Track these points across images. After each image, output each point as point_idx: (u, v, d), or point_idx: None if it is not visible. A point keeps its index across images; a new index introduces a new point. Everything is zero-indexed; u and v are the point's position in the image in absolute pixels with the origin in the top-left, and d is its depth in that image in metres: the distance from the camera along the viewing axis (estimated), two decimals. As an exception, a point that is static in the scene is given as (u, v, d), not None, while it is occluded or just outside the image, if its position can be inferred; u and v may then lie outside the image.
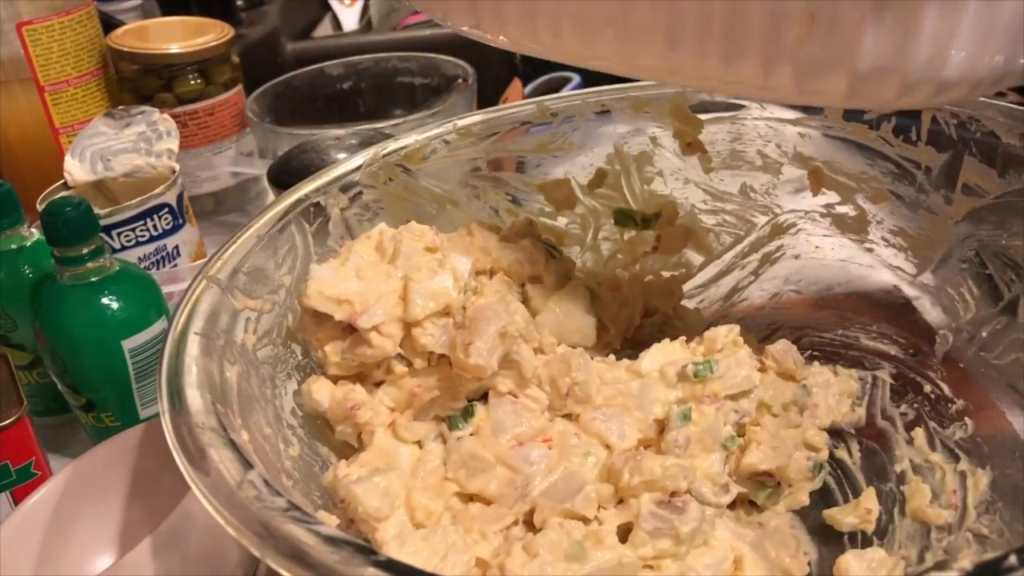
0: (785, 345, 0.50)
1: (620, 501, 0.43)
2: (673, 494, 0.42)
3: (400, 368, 0.45)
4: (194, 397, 0.37)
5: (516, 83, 1.01)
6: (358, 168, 0.53)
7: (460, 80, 0.91)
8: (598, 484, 0.43)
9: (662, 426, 0.46)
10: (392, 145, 0.55)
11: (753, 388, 0.47)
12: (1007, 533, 0.43)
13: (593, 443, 0.45)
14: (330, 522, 0.39)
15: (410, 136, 0.56)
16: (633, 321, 0.53)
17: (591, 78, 1.10)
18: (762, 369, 0.50)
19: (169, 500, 0.45)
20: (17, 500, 0.53)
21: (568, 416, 0.46)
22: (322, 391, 0.45)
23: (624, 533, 0.42)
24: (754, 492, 0.47)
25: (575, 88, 1.05)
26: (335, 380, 0.46)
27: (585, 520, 0.42)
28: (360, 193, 0.53)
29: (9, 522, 0.49)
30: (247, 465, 0.34)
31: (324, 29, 1.37)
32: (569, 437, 0.45)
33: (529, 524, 0.43)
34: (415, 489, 0.42)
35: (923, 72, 0.31)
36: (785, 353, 0.50)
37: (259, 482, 0.33)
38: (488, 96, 0.93)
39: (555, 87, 1.05)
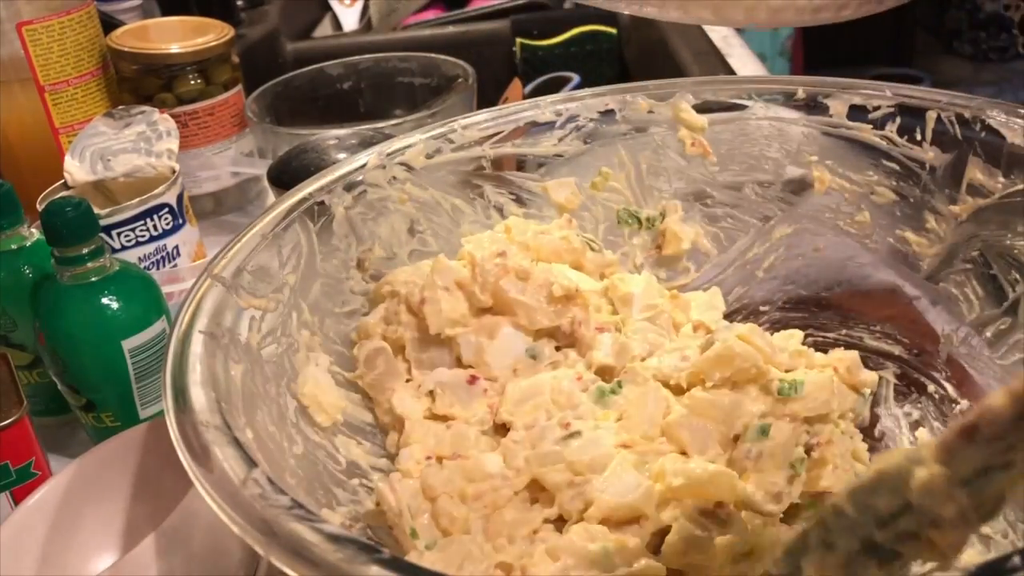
0: (854, 356, 0.49)
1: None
2: (718, 505, 0.41)
3: None
4: (198, 395, 0.37)
5: (516, 83, 1.01)
6: (362, 167, 0.53)
7: (460, 80, 0.91)
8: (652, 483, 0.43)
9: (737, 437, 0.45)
10: (396, 144, 0.55)
11: (831, 412, 0.46)
12: (1011, 534, 0.43)
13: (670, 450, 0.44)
14: (333, 520, 0.39)
15: (414, 135, 0.56)
16: None
17: (590, 78, 1.11)
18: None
19: (170, 500, 0.45)
20: (17, 500, 0.53)
21: None
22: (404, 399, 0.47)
23: (662, 536, 0.41)
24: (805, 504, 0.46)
25: (575, 88, 1.05)
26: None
27: (643, 516, 0.42)
28: (364, 192, 0.53)
29: (9, 522, 0.49)
30: (251, 463, 0.34)
31: (324, 29, 1.37)
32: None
33: (557, 526, 0.42)
34: (443, 494, 0.42)
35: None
36: (856, 365, 0.49)
37: (263, 480, 0.33)
38: (488, 96, 0.93)
39: (555, 87, 1.05)
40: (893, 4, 0.41)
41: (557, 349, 0.51)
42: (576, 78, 1.09)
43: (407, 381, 0.49)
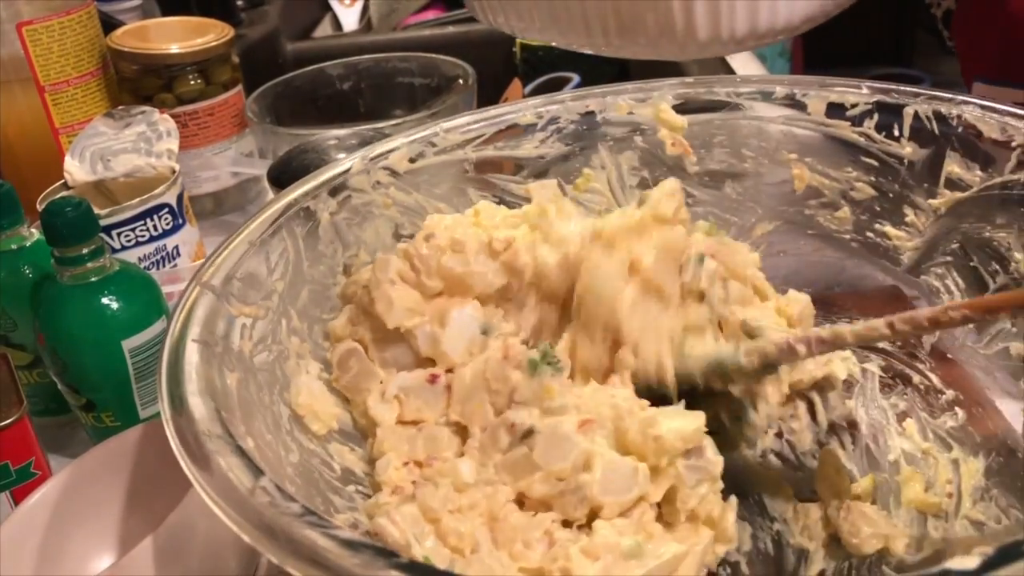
0: (805, 299, 0.51)
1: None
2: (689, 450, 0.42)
3: None
4: (197, 405, 0.37)
5: (516, 83, 1.01)
6: (346, 172, 0.53)
7: (460, 80, 0.91)
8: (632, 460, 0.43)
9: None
10: (379, 148, 0.55)
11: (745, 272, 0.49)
12: (1004, 519, 0.43)
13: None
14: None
15: (396, 139, 0.55)
16: None
17: (590, 78, 1.10)
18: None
19: (169, 500, 0.45)
20: (17, 500, 0.53)
21: None
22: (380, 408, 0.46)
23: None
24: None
25: (575, 87, 1.05)
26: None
27: (645, 499, 0.42)
28: (349, 197, 0.53)
29: (9, 522, 0.49)
30: (257, 471, 0.33)
31: (324, 29, 1.37)
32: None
33: (567, 523, 0.42)
34: (444, 513, 0.41)
35: (683, 38, 0.42)
36: (806, 304, 0.51)
37: (272, 488, 0.32)
38: (488, 96, 0.93)
39: (555, 86, 1.05)
40: (806, 28, 0.42)
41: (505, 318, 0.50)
42: (576, 78, 1.09)
43: (381, 383, 0.48)
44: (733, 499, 0.44)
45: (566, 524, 0.42)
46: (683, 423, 0.42)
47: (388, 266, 0.48)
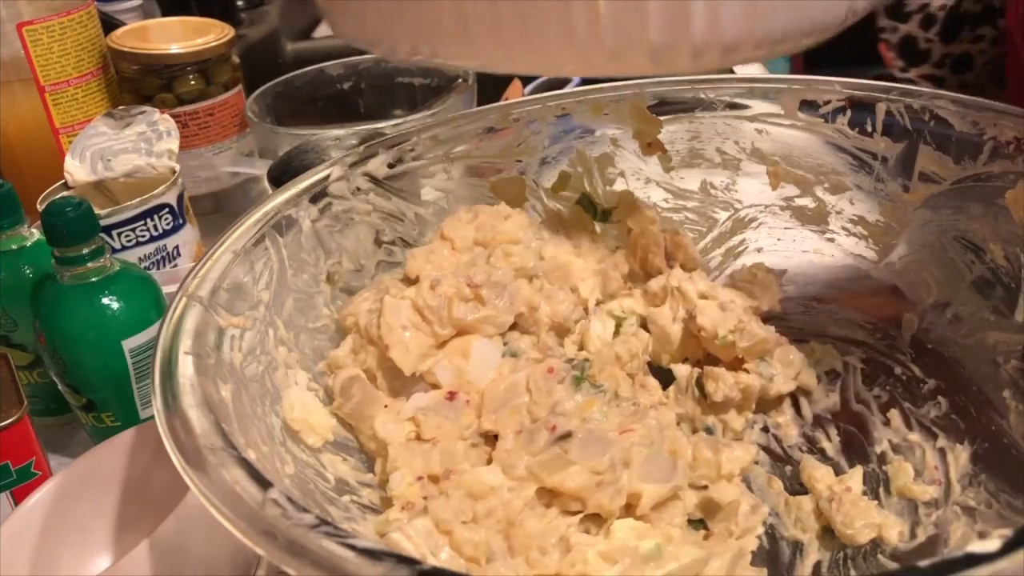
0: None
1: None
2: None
3: None
4: (197, 417, 0.36)
5: (516, 83, 1.01)
6: (326, 178, 0.53)
7: (460, 80, 0.91)
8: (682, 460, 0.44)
9: None
10: (358, 154, 0.55)
11: None
12: (995, 504, 0.44)
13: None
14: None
15: (375, 145, 0.55)
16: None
17: (591, 78, 1.10)
18: None
19: (168, 501, 0.45)
20: (17, 500, 0.53)
21: None
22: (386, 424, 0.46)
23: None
24: None
25: (575, 87, 1.05)
26: None
27: (679, 492, 0.43)
28: (330, 204, 0.52)
29: (9, 522, 0.49)
30: (265, 483, 0.33)
31: (324, 29, 1.37)
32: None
33: (585, 525, 0.42)
34: (457, 524, 0.41)
35: (706, 39, 0.36)
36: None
37: (283, 499, 0.32)
38: (488, 96, 0.93)
39: (555, 86, 1.05)
40: (742, 62, 0.41)
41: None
42: (576, 78, 1.08)
43: (386, 407, 0.48)
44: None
45: (584, 528, 0.42)
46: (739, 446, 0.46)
47: (399, 311, 0.48)
